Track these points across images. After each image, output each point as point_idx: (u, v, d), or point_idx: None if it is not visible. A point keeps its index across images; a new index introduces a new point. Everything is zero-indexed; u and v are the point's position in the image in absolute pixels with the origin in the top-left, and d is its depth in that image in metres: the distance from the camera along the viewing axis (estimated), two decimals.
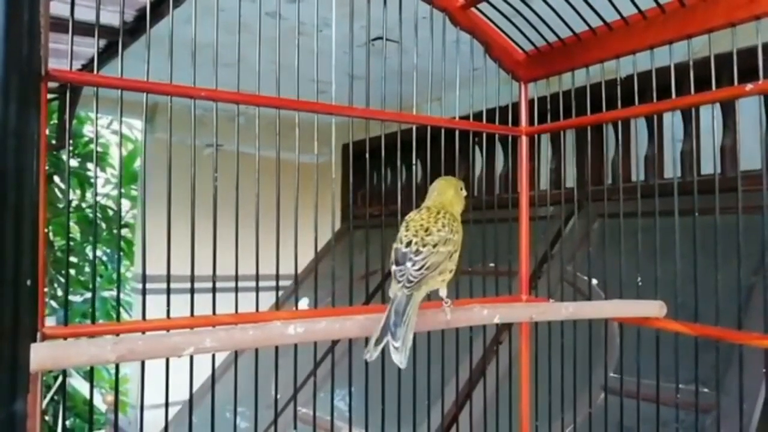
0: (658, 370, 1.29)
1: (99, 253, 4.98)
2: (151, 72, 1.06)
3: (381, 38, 1.26)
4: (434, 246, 0.98)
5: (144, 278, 1.10)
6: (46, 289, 3.96)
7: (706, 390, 1.29)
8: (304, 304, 1.19)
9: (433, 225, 1.01)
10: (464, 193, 1.15)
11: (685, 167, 2.21)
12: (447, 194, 1.11)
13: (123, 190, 5.30)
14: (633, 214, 1.38)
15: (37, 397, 0.87)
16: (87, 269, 5.55)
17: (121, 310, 4.75)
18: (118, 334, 1.01)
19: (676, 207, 1.25)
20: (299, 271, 1.24)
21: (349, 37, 1.28)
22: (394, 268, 0.97)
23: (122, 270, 5.32)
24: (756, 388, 1.46)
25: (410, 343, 0.91)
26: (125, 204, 5.67)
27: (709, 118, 1.26)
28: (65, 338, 0.97)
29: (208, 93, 1.12)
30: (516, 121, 1.56)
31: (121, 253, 5.02)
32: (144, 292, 1.10)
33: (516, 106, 1.55)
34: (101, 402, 4.16)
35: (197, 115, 1.13)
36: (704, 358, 1.26)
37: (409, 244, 0.99)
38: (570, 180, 1.75)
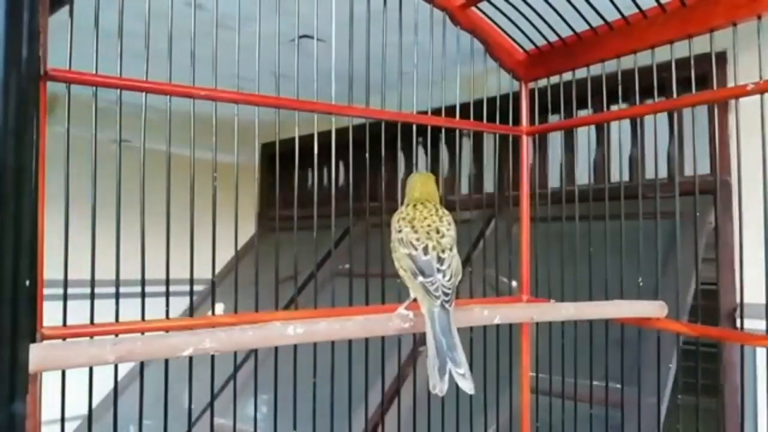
0: (573, 367, 1.37)
1: None
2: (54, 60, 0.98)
3: (305, 36, 1.20)
4: (450, 249, 0.94)
5: (143, 281, 1.09)
6: None
7: (617, 386, 1.40)
8: (219, 309, 1.13)
9: (440, 224, 0.96)
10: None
11: (598, 174, 2.35)
12: (431, 186, 1.07)
13: None
14: (548, 218, 1.50)
15: (36, 397, 0.87)
16: None
17: None
18: (117, 335, 1.01)
19: (590, 212, 1.39)
20: (211, 275, 1.19)
21: (348, 37, 1.28)
22: (421, 279, 0.91)
23: None
24: (664, 382, 1.57)
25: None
26: None
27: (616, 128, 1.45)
28: (64, 339, 0.96)
29: (208, 93, 1.12)
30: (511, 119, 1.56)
31: None
32: (143, 294, 1.08)
33: (510, 104, 1.55)
34: None
35: (102, 108, 1.05)
36: (614, 355, 1.36)
37: (426, 249, 0.93)
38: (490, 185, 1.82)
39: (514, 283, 1.57)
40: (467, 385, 0.86)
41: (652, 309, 1.25)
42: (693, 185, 1.27)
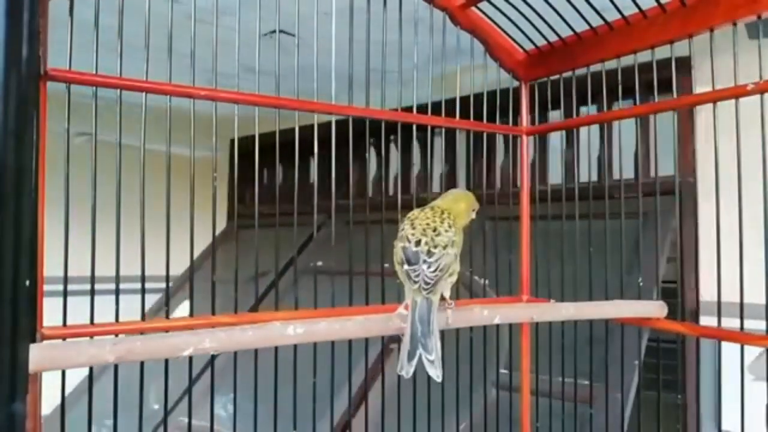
0: (536, 365, 1.43)
1: None
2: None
3: (279, 31, 1.18)
4: (444, 247, 0.97)
5: (143, 278, 1.09)
6: None
7: (585, 382, 1.44)
8: (185, 308, 1.11)
9: (440, 225, 1.00)
10: (474, 215, 1.13)
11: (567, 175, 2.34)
12: (458, 204, 1.09)
13: None
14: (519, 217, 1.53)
15: (36, 398, 0.87)
16: None
17: None
18: (117, 335, 1.01)
19: (549, 211, 1.45)
20: (180, 272, 1.15)
21: (348, 34, 1.28)
22: (406, 267, 0.95)
23: None
24: (630, 378, 1.61)
25: (440, 353, 0.90)
26: None
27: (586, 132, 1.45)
28: (64, 339, 0.96)
29: (208, 93, 1.12)
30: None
31: None
32: (143, 291, 1.09)
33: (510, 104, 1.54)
34: None
35: (71, 102, 1.03)
36: (587, 353, 1.41)
37: (418, 243, 0.96)
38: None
39: (486, 281, 1.59)
40: (435, 372, 0.89)
41: (652, 309, 1.25)
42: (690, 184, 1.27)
